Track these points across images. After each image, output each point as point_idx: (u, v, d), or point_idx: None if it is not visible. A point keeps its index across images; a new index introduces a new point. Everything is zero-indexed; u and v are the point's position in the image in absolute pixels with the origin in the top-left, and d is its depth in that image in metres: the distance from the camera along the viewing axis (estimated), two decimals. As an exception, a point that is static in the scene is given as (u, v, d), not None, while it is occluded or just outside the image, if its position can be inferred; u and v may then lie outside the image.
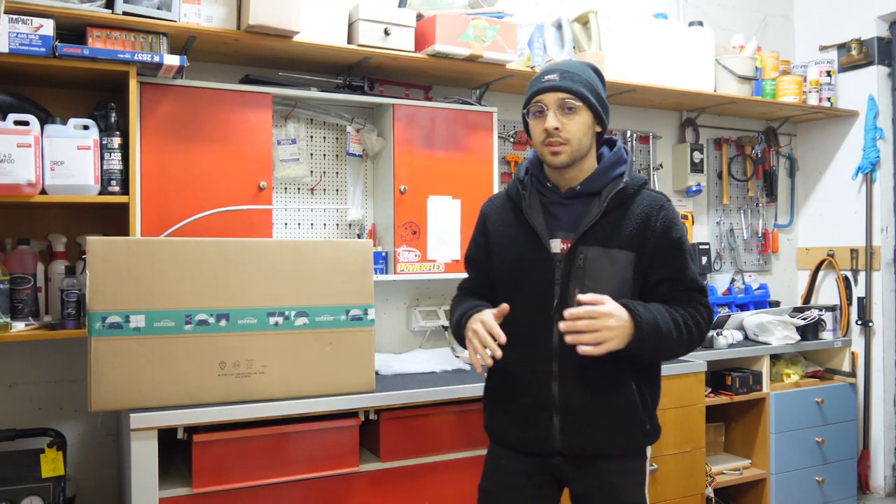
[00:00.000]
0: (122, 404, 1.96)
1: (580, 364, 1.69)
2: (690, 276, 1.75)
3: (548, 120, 1.69)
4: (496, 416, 1.85)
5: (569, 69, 1.72)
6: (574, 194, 1.76)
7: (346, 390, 2.17)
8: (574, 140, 1.70)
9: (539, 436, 1.75)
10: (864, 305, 3.79)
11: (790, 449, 3.31)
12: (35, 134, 2.10)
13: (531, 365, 1.75)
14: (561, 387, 1.73)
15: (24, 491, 2.08)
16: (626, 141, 3.54)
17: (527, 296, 1.76)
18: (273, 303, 2.09)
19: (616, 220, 1.73)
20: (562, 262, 1.72)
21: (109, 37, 2.19)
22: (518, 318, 1.74)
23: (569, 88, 1.69)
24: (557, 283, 1.72)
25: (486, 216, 1.90)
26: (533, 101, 1.73)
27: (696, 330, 1.72)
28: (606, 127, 1.77)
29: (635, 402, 1.74)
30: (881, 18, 3.78)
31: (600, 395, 1.73)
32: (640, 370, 1.77)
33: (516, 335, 1.74)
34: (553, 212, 1.77)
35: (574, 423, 1.73)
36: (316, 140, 2.83)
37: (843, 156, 3.92)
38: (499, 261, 1.83)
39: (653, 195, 1.77)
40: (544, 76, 1.73)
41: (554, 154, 1.71)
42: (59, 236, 2.38)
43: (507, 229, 1.82)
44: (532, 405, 1.76)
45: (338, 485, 2.18)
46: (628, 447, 1.77)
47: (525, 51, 2.96)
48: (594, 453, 1.74)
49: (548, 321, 1.73)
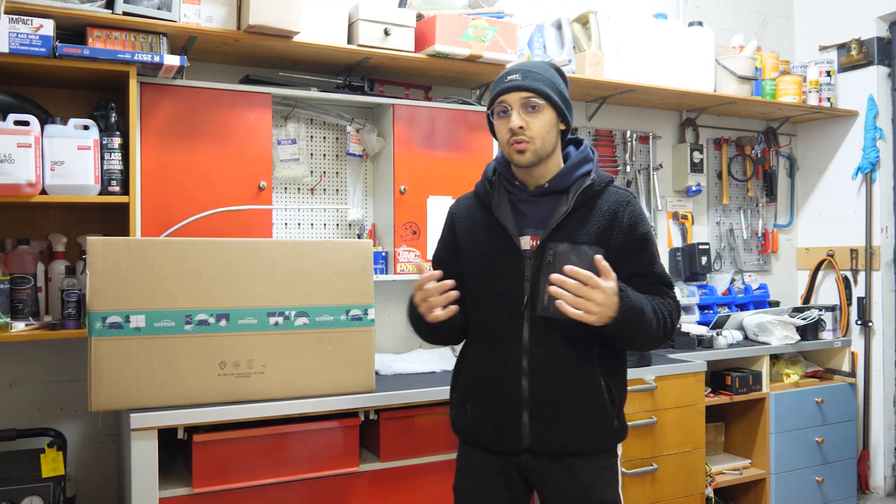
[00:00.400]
0: (122, 404, 1.96)
1: (550, 360, 1.72)
2: (658, 270, 1.79)
3: (512, 119, 1.71)
4: (465, 414, 1.85)
5: (531, 69, 1.75)
6: (542, 192, 1.78)
7: (346, 390, 2.17)
8: (538, 138, 1.72)
9: (508, 433, 1.76)
10: (864, 305, 3.79)
11: (790, 449, 3.31)
12: (35, 134, 2.10)
13: (501, 361, 1.76)
14: (531, 383, 1.73)
15: (25, 491, 2.08)
16: (626, 141, 3.54)
17: (497, 292, 1.77)
18: (273, 303, 2.09)
19: (584, 216, 1.75)
20: (531, 258, 1.74)
21: (109, 37, 2.19)
22: (488, 314, 1.77)
23: (531, 87, 1.71)
24: (527, 279, 1.74)
25: (455, 215, 1.91)
26: (497, 102, 1.75)
27: (670, 322, 1.76)
28: (570, 124, 1.80)
29: (604, 398, 1.76)
30: (881, 18, 3.78)
31: (570, 392, 1.74)
32: (609, 367, 1.79)
33: (486, 332, 1.78)
34: (522, 209, 1.79)
35: (543, 420, 1.73)
36: (316, 140, 2.84)
37: (842, 156, 3.92)
38: (468, 259, 1.84)
39: (619, 192, 1.80)
40: (507, 76, 1.75)
41: (519, 153, 1.73)
42: (59, 236, 2.38)
43: (476, 227, 1.84)
44: (502, 402, 1.76)
45: (338, 485, 2.18)
46: (597, 444, 1.77)
47: (525, 51, 2.96)
48: (564, 451, 1.74)
49: (518, 317, 1.74)
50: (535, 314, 1.71)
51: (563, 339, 1.73)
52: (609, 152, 3.54)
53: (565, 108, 1.76)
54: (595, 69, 3.05)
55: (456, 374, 1.91)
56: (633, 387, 2.63)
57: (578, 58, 3.06)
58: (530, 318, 1.73)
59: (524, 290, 1.74)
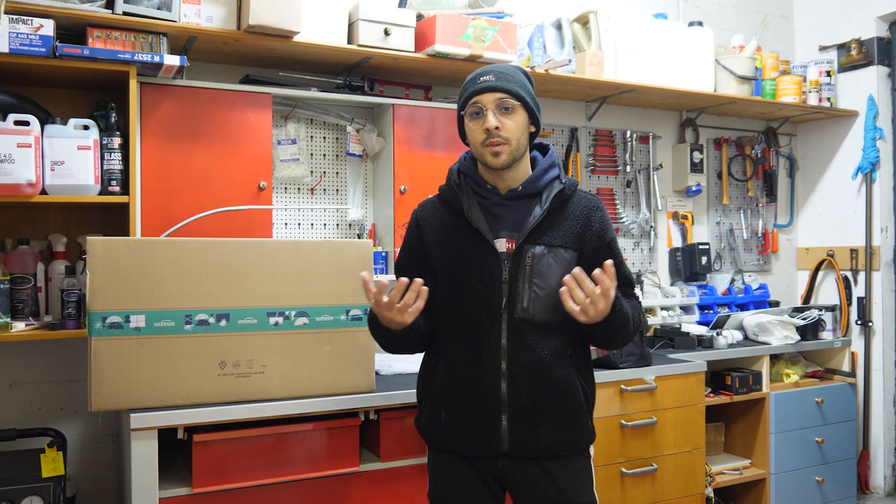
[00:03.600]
0: (122, 404, 1.96)
1: (529, 362, 1.73)
2: (626, 273, 1.84)
3: (488, 120, 1.71)
4: (438, 420, 1.82)
5: (502, 70, 1.76)
6: (515, 195, 1.78)
7: (346, 390, 2.17)
8: (513, 139, 1.73)
9: (486, 437, 1.75)
10: (864, 305, 3.79)
11: (790, 449, 3.31)
12: (35, 134, 2.10)
13: (479, 364, 1.75)
14: (510, 385, 1.73)
15: (25, 491, 2.08)
16: (626, 141, 3.55)
17: (475, 295, 1.76)
18: (273, 303, 2.09)
19: (557, 220, 1.77)
20: (508, 261, 1.74)
21: (109, 37, 2.19)
22: (465, 318, 1.76)
23: (506, 88, 1.72)
24: (505, 281, 1.74)
25: (420, 221, 1.88)
26: (470, 103, 1.75)
27: (639, 321, 1.83)
28: (540, 127, 1.82)
29: (580, 399, 1.79)
30: (881, 18, 3.78)
31: (549, 394, 1.74)
32: (582, 369, 1.82)
33: (462, 335, 1.77)
34: (494, 213, 1.79)
35: (523, 423, 1.73)
36: (316, 140, 2.84)
37: (842, 156, 3.92)
38: (441, 264, 1.82)
39: (588, 197, 1.84)
40: (479, 77, 1.75)
41: (495, 155, 1.72)
42: (60, 236, 2.38)
43: (447, 232, 1.82)
44: (480, 406, 1.75)
45: (338, 485, 2.18)
46: (574, 446, 1.78)
47: (525, 51, 2.96)
48: (542, 454, 1.74)
49: (496, 319, 1.74)
50: (513, 316, 1.72)
51: (541, 341, 1.74)
52: (609, 152, 3.54)
53: (536, 109, 1.78)
54: (595, 69, 3.05)
55: (426, 380, 1.88)
56: (633, 387, 2.63)
57: (578, 58, 3.06)
58: (508, 321, 1.73)
59: (502, 293, 1.74)
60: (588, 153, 3.48)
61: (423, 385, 1.89)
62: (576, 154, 3.41)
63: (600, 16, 3.15)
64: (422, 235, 1.86)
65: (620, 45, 3.22)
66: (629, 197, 3.59)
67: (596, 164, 3.48)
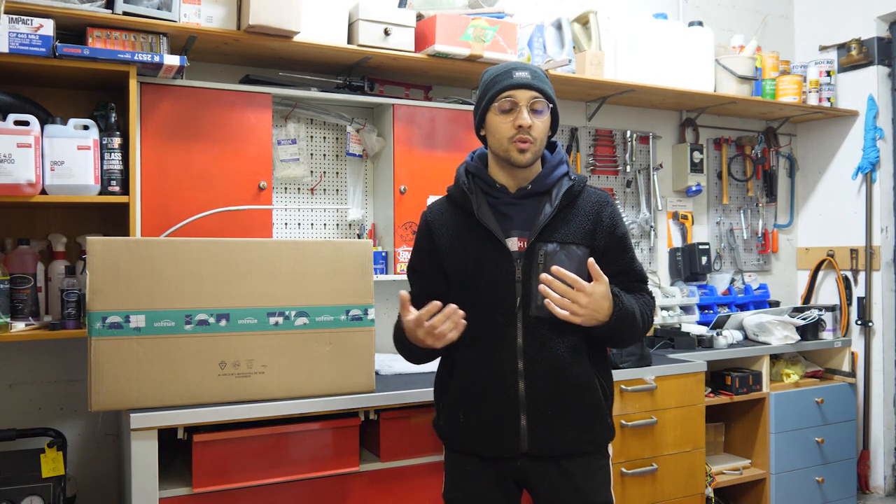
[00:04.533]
0: (122, 404, 1.96)
1: (546, 361, 1.73)
2: (638, 268, 1.85)
3: (523, 116, 1.70)
4: (456, 422, 1.81)
5: (535, 70, 1.75)
6: (525, 194, 1.78)
7: (346, 390, 2.17)
8: (539, 140, 1.73)
9: (506, 438, 1.74)
10: (864, 305, 3.79)
11: (790, 449, 3.31)
12: (35, 134, 2.10)
13: (495, 364, 1.74)
14: (528, 385, 1.73)
15: (25, 491, 2.08)
16: (626, 141, 3.55)
17: (489, 295, 1.76)
18: (273, 303, 2.09)
19: (568, 217, 1.77)
20: (521, 259, 1.74)
21: (109, 37, 2.19)
22: (480, 318, 1.75)
23: (541, 89, 1.72)
24: (519, 280, 1.74)
25: (431, 223, 1.86)
26: (503, 96, 1.72)
27: (650, 318, 1.82)
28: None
29: (599, 396, 1.78)
30: (881, 18, 3.78)
31: (567, 392, 1.74)
32: (600, 366, 1.81)
33: (479, 336, 1.75)
34: (504, 212, 1.78)
35: (542, 422, 1.73)
36: (316, 140, 2.84)
37: (842, 156, 3.92)
38: (453, 265, 1.81)
39: (598, 192, 1.83)
40: (514, 73, 1.72)
41: (521, 152, 1.72)
42: (59, 236, 2.38)
43: (457, 233, 1.81)
44: (498, 406, 1.74)
45: (338, 485, 2.18)
46: (593, 444, 1.78)
47: (525, 51, 2.96)
48: (561, 452, 1.74)
49: (511, 319, 1.74)
50: (528, 315, 1.72)
51: (557, 339, 1.73)
52: (609, 152, 3.54)
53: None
54: (595, 69, 3.05)
55: (443, 382, 1.87)
56: (633, 387, 2.63)
57: (578, 58, 3.06)
58: (524, 320, 1.73)
59: (516, 292, 1.73)
60: (588, 153, 3.48)
61: (440, 387, 1.88)
62: (576, 154, 3.42)
63: (600, 16, 3.15)
64: (433, 237, 1.85)
65: (620, 45, 3.22)
66: (629, 197, 3.59)
67: (596, 164, 3.48)
